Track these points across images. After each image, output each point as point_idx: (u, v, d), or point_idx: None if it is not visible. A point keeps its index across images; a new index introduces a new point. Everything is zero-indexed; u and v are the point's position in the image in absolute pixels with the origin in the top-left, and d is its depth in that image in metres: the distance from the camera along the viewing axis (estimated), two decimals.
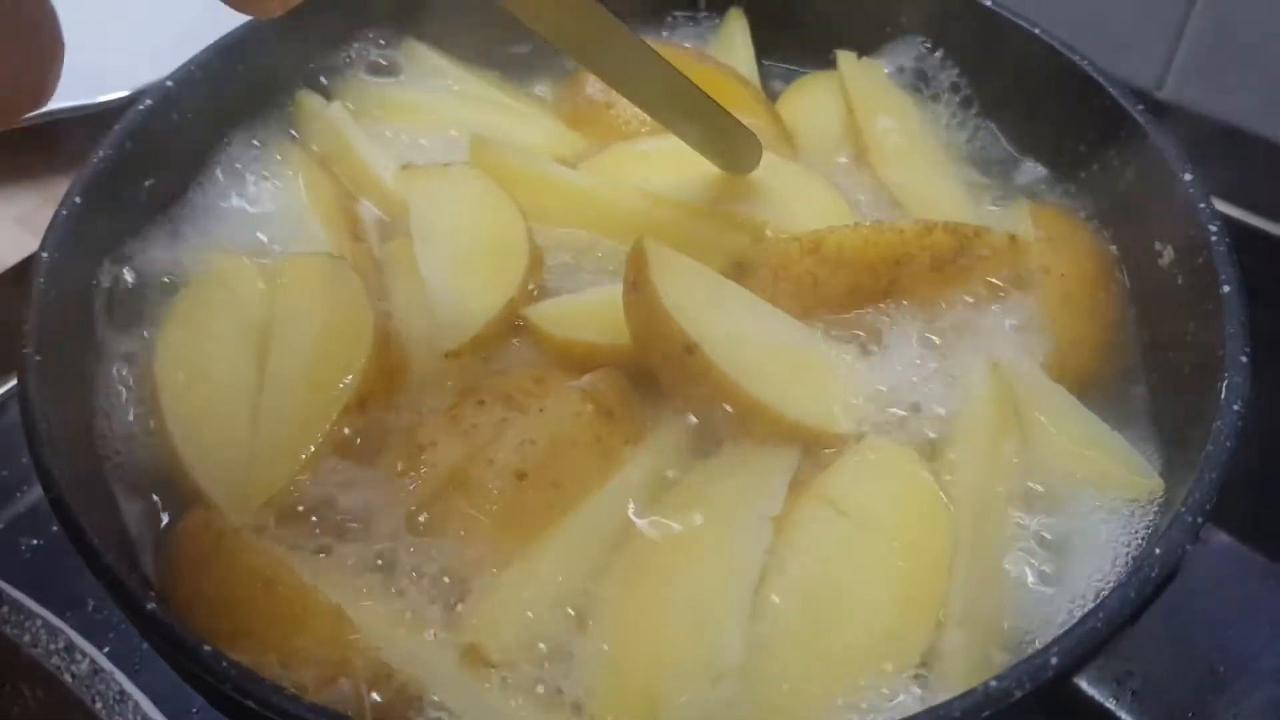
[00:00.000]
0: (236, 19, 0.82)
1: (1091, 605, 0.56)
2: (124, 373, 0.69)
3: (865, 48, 0.90)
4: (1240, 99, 1.10)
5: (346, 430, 0.65)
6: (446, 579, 0.61)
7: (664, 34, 0.94)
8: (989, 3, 0.84)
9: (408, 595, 0.60)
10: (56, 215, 0.68)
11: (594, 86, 0.87)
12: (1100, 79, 0.77)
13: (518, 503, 0.62)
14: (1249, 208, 1.02)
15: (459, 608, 0.60)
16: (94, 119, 0.98)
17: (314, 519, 0.63)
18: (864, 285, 0.71)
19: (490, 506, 0.62)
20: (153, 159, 0.76)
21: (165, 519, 0.65)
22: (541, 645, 0.58)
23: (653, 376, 0.68)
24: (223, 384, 0.68)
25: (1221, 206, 0.71)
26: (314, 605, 0.56)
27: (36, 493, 0.80)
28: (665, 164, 0.81)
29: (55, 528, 0.56)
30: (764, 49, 0.92)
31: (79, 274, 0.69)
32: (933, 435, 0.67)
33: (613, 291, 0.69)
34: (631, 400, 0.68)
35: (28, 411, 0.59)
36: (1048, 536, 0.63)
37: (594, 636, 0.59)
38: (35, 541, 0.82)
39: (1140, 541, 0.60)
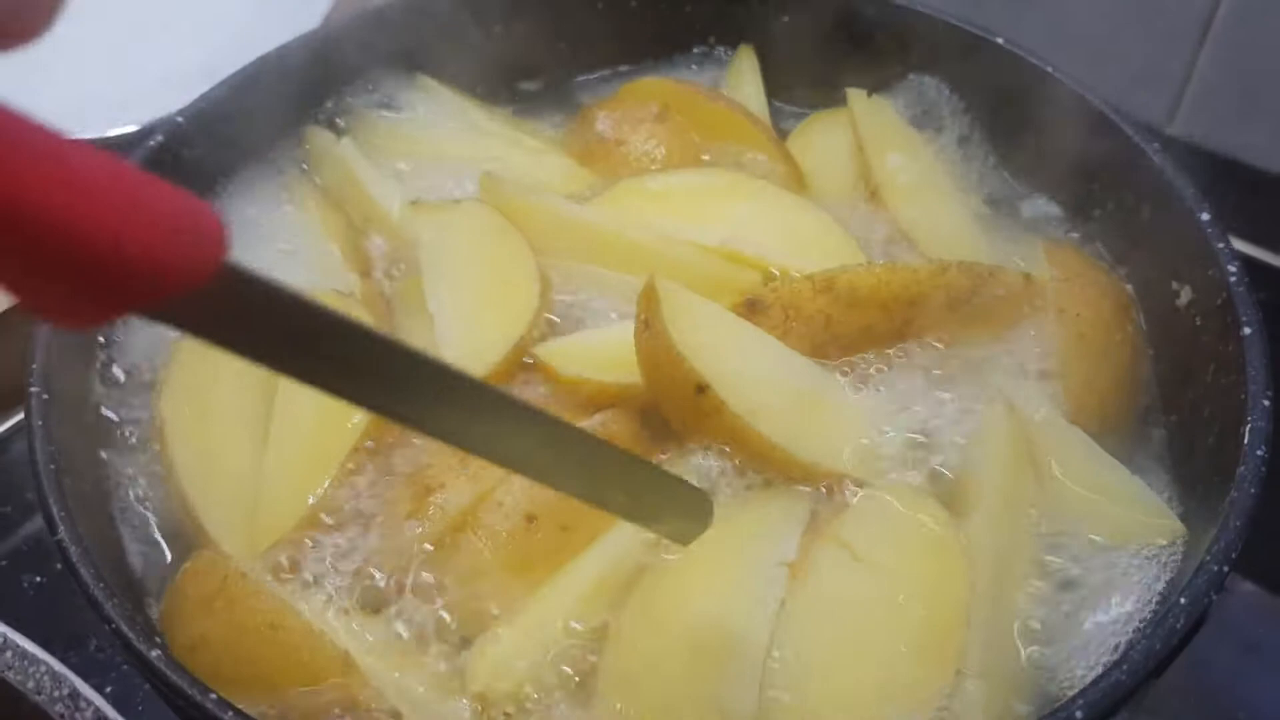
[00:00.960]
0: (248, 55, 0.82)
1: (1116, 656, 0.55)
2: (131, 412, 0.68)
3: (875, 86, 0.90)
4: (1251, 134, 1.10)
5: (354, 472, 0.64)
6: (455, 623, 0.60)
7: (675, 70, 0.94)
8: (1001, 41, 0.83)
9: (416, 640, 0.60)
10: None
11: (604, 123, 0.87)
12: (1115, 117, 0.77)
13: (527, 546, 0.62)
14: (1258, 242, 1.02)
15: (468, 652, 0.59)
16: None
17: (321, 562, 0.62)
18: (878, 325, 0.70)
19: (499, 550, 0.61)
20: None
21: (171, 558, 0.64)
22: (551, 691, 0.57)
23: (664, 417, 0.67)
24: (230, 424, 0.67)
25: (1235, 243, 0.70)
26: (320, 650, 0.55)
27: (38, 527, 0.80)
28: (675, 200, 0.81)
29: (59, 564, 0.55)
30: (774, 89, 0.92)
31: None
32: (948, 479, 0.67)
33: (623, 330, 0.68)
34: (642, 441, 0.67)
35: (35, 450, 0.58)
36: (1070, 584, 0.62)
37: (604, 684, 0.58)
38: (37, 579, 0.81)
39: (1164, 587, 0.59)
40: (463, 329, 0.72)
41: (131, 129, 1.00)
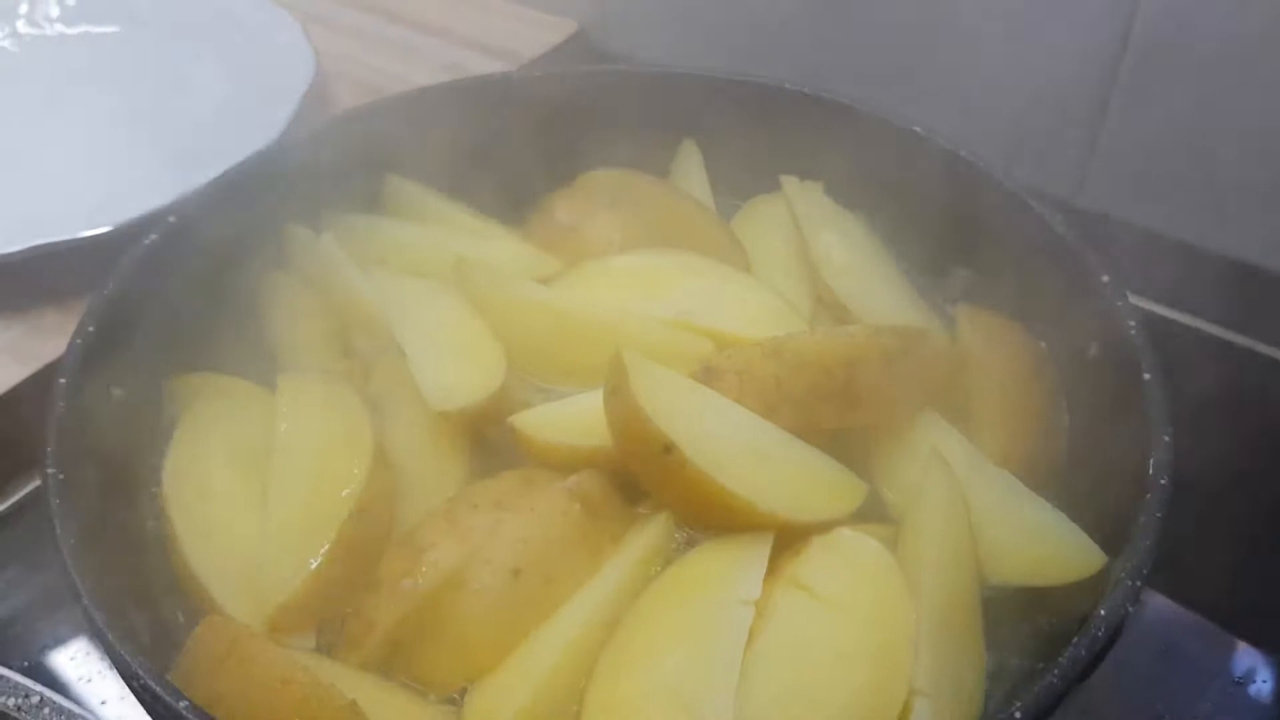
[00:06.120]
0: (213, 161, 0.88)
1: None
2: (135, 491, 0.73)
3: (806, 172, 0.97)
4: (1151, 203, 1.20)
5: (351, 537, 0.69)
6: (451, 673, 0.65)
7: (624, 162, 1.01)
8: (919, 129, 0.92)
9: (415, 690, 0.64)
10: (71, 345, 0.72)
11: (564, 212, 0.94)
12: (1022, 193, 0.85)
13: (514, 598, 0.67)
14: (1160, 300, 1.10)
15: (463, 700, 0.64)
16: (77, 252, 1.03)
17: (322, 621, 0.67)
18: (822, 384, 0.76)
19: (489, 603, 0.67)
20: (154, 290, 0.81)
21: (177, 628, 0.68)
22: None
23: (634, 476, 0.73)
24: (229, 499, 0.72)
25: (1141, 302, 0.78)
26: (329, 701, 0.59)
27: None
28: (632, 279, 0.88)
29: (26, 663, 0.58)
30: (714, 177, 0.99)
31: (92, 398, 0.73)
32: (891, 524, 0.73)
33: (591, 398, 0.74)
34: (615, 498, 0.73)
35: (54, 528, 0.62)
36: (1008, 609, 0.69)
37: None
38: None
39: (1088, 605, 0.66)
40: (437, 371, 0.78)
41: (103, 229, 1.05)
